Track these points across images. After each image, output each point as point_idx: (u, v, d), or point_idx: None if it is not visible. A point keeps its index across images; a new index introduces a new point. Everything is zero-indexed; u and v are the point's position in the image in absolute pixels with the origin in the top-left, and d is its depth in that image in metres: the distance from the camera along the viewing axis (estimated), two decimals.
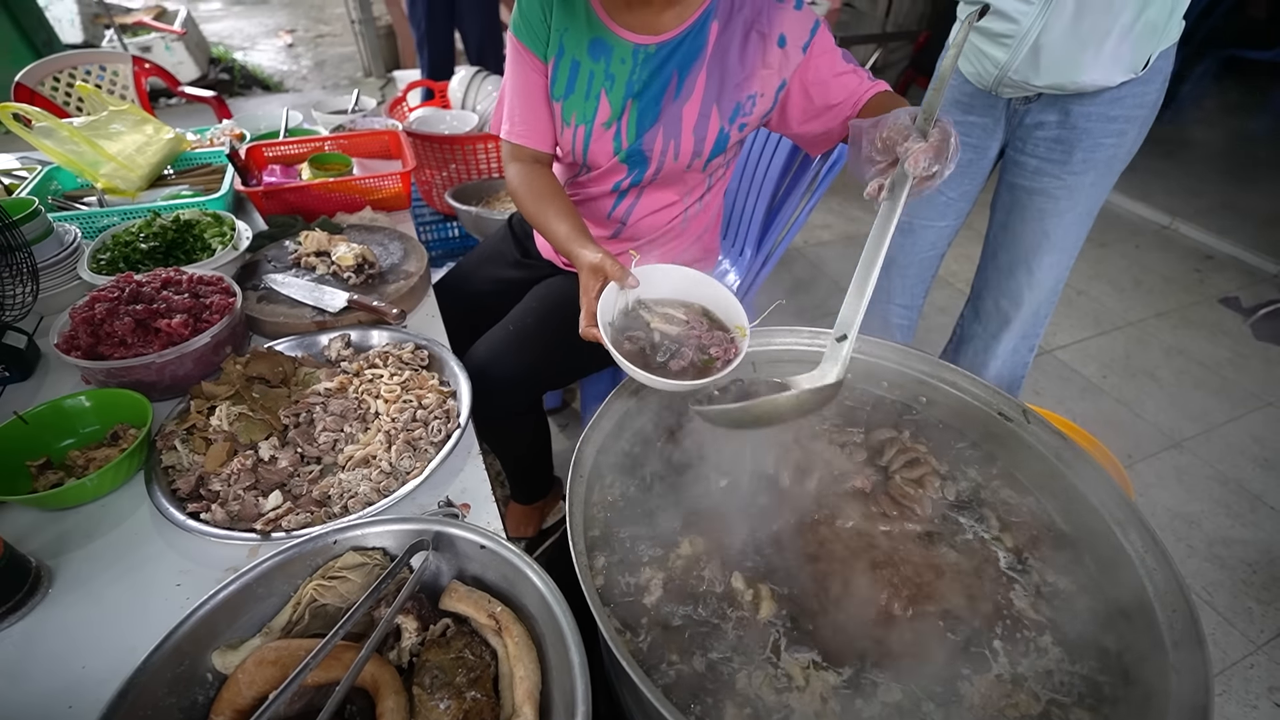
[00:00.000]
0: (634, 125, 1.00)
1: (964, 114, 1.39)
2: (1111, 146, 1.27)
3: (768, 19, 0.92)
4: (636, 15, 0.95)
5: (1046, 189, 1.34)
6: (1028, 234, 1.41)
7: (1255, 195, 3.42)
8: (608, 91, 0.99)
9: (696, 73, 0.96)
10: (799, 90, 0.96)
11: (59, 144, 1.25)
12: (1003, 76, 1.25)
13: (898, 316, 1.72)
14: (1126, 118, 1.24)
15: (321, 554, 0.64)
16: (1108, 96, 1.21)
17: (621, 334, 0.80)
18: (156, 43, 4.14)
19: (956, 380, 0.88)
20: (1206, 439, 2.01)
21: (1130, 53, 1.15)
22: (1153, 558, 0.67)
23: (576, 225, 0.93)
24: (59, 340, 0.87)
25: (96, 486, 0.75)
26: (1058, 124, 1.28)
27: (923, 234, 1.58)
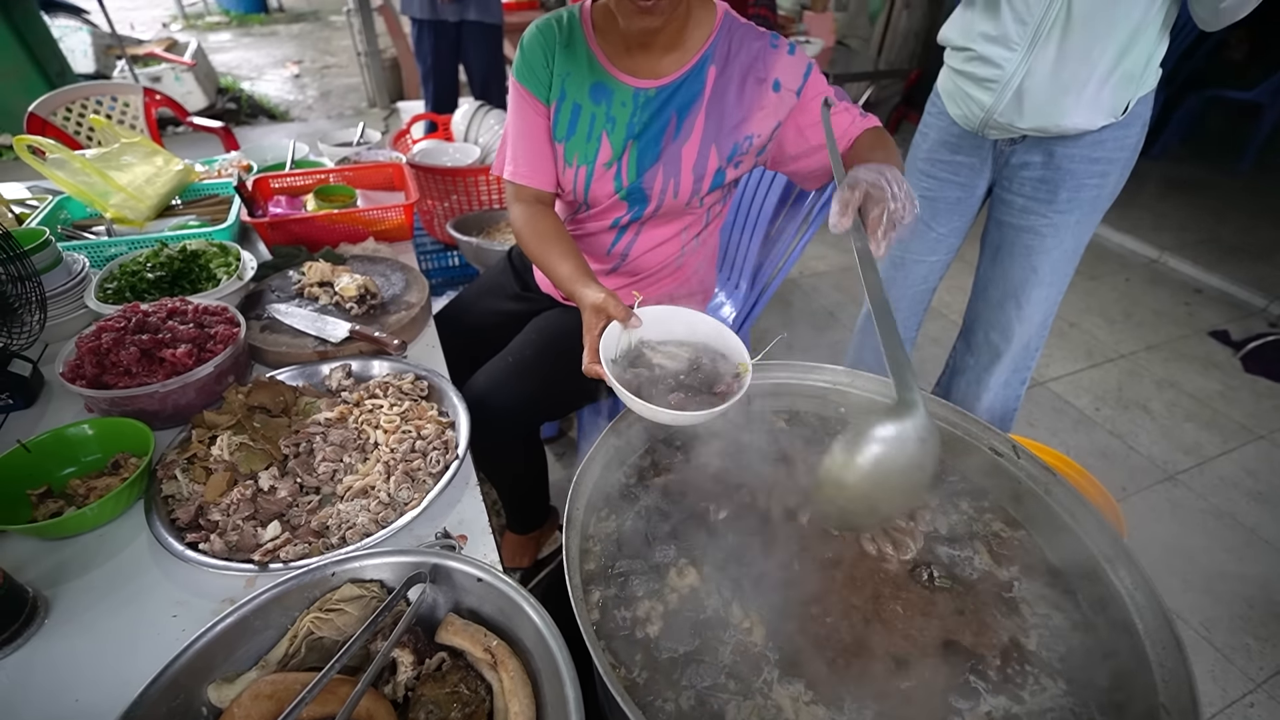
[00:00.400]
0: (634, 165, 1.03)
1: (952, 154, 1.44)
2: (1095, 187, 1.31)
3: (763, 64, 0.96)
4: (637, 61, 0.99)
5: (1034, 226, 1.38)
6: (1016, 270, 1.45)
7: (1240, 230, 3.50)
8: (609, 133, 1.02)
9: (695, 115, 0.99)
10: (793, 130, 1.00)
11: (71, 175, 1.28)
12: (988, 119, 1.30)
13: None
14: (1108, 159, 1.28)
15: (319, 586, 0.64)
16: (1089, 139, 1.26)
17: (623, 369, 0.82)
18: (166, 73, 4.24)
19: (948, 415, 0.90)
20: (1200, 472, 2.02)
21: (1110, 98, 1.20)
22: (1142, 594, 0.68)
23: (579, 265, 0.95)
24: (64, 369, 0.89)
25: (96, 516, 0.75)
26: (1042, 164, 1.33)
27: (914, 268, 1.62)
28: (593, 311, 0.85)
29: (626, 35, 0.95)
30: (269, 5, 8.25)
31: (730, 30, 0.98)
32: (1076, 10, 1.13)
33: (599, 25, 1.01)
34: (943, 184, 1.49)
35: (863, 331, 1.81)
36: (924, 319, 1.77)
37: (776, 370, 0.95)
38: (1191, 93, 4.12)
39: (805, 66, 0.97)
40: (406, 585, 0.63)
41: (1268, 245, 3.35)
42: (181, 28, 7.43)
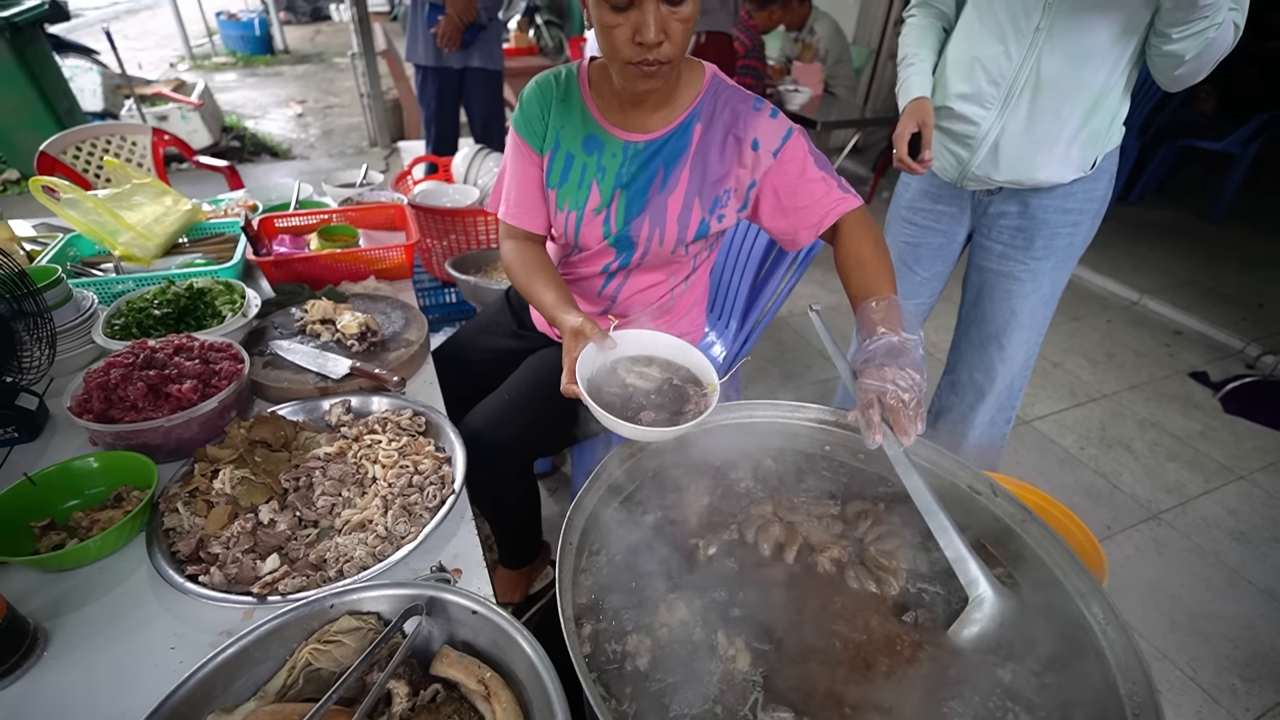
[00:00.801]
0: (622, 213, 1.09)
1: (933, 203, 1.52)
2: (1068, 235, 1.38)
3: (744, 124, 1.02)
4: (629, 116, 1.06)
5: (1012, 272, 1.45)
6: (997, 313, 1.51)
7: (1216, 275, 3.61)
8: (599, 182, 1.08)
9: (681, 168, 1.05)
10: (769, 190, 1.05)
11: (82, 214, 1.33)
12: (966, 172, 1.38)
13: None
14: (1079, 210, 1.36)
15: (318, 618, 0.66)
16: (1061, 191, 1.34)
17: (599, 389, 0.88)
18: (173, 112, 4.34)
19: (928, 455, 0.93)
20: (1183, 511, 2.05)
21: (1079, 154, 1.28)
22: (1113, 630, 0.70)
23: (562, 294, 1.02)
24: (72, 403, 0.91)
25: (99, 548, 0.77)
26: (1018, 214, 1.40)
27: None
28: (571, 335, 0.91)
29: (621, 93, 1.02)
30: (275, 46, 8.49)
31: (717, 91, 1.05)
32: (1045, 74, 1.22)
33: (594, 82, 1.08)
34: (925, 231, 1.57)
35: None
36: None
37: (764, 408, 0.99)
38: (1165, 142, 4.31)
39: (785, 130, 1.02)
40: (403, 618, 0.65)
41: (1243, 289, 3.46)
42: (189, 67, 7.62)
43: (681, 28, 0.88)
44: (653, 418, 0.84)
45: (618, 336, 0.92)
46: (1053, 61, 1.20)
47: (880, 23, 4.64)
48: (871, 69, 4.76)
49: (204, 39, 8.48)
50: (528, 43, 5.61)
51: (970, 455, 1.73)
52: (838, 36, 3.91)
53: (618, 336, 0.92)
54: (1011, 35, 1.23)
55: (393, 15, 7.44)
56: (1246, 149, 3.98)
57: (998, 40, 1.24)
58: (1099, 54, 1.18)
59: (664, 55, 0.89)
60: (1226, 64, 1.15)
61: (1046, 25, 1.18)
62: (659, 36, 0.86)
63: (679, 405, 0.87)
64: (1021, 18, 1.20)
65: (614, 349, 0.92)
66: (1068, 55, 1.19)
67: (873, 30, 4.68)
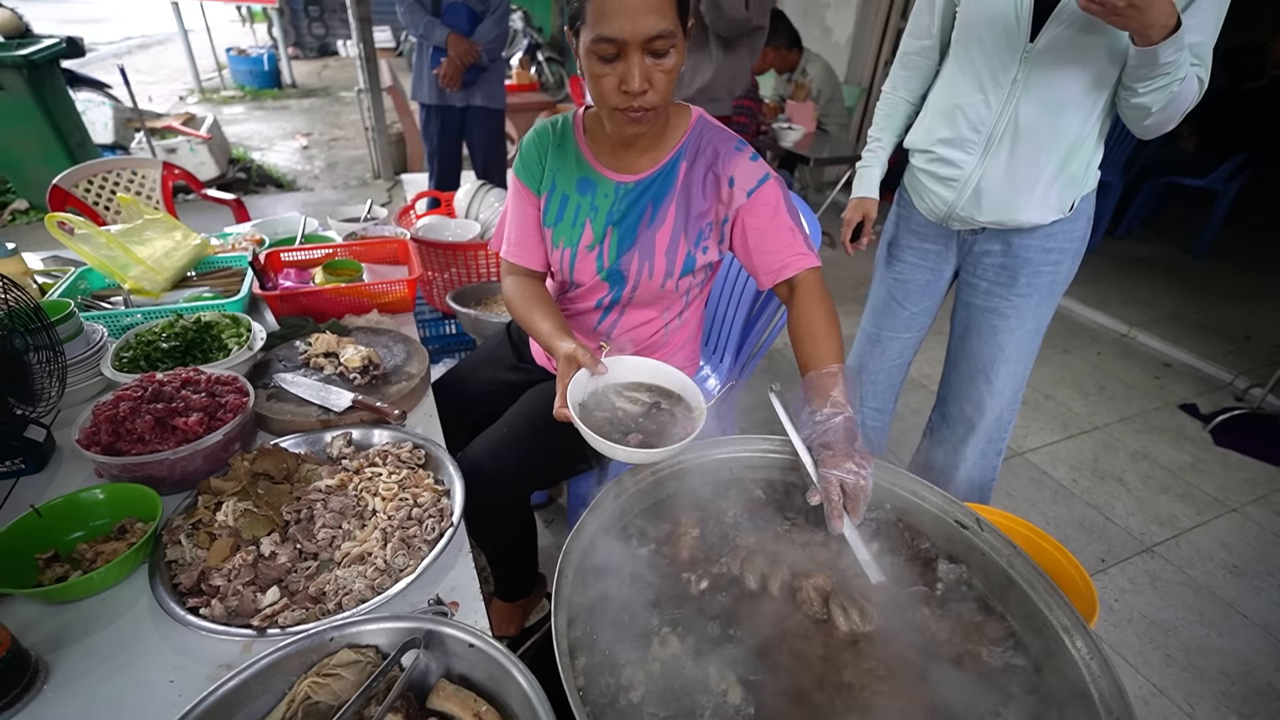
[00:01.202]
0: (614, 248, 1.14)
1: (920, 241, 1.57)
2: (1050, 273, 1.43)
3: (724, 162, 1.08)
4: (620, 159, 1.12)
5: (998, 308, 1.50)
6: (984, 347, 1.55)
7: (1203, 308, 3.67)
8: (592, 220, 1.14)
9: (668, 205, 1.11)
10: (740, 227, 1.11)
11: (95, 248, 1.36)
12: (951, 213, 1.43)
13: (871, 419, 1.86)
14: (1060, 249, 1.41)
15: (317, 651, 0.67)
16: (1043, 232, 1.39)
17: (590, 413, 0.93)
18: (182, 145, 4.44)
19: (916, 488, 0.95)
20: (1176, 544, 2.06)
21: (1057, 198, 1.33)
22: (1097, 665, 0.72)
23: (559, 323, 1.07)
24: (80, 436, 0.93)
25: (102, 580, 0.78)
26: (1002, 253, 1.45)
27: (890, 344, 1.73)
28: (565, 360, 0.95)
29: (613, 137, 1.09)
30: (282, 81, 8.69)
31: (702, 131, 1.11)
32: (1023, 123, 1.28)
33: (588, 128, 1.15)
34: (912, 268, 1.62)
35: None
36: (902, 390, 1.85)
37: (756, 442, 1.01)
38: (1149, 179, 4.42)
39: (762, 174, 1.07)
40: (401, 651, 0.67)
41: (1229, 322, 3.52)
42: (198, 100, 7.80)
43: (665, 78, 0.94)
44: (639, 440, 0.88)
45: (609, 362, 0.97)
46: (1030, 111, 1.26)
47: (870, 64, 4.80)
48: (863, 107, 4.90)
49: (214, 73, 8.68)
50: (529, 79, 5.76)
51: (962, 487, 1.76)
52: (830, 76, 4.04)
53: (609, 362, 0.97)
54: (990, 85, 1.29)
55: (399, 51, 7.66)
56: (1229, 185, 4.09)
57: (977, 90, 1.31)
58: (1073, 104, 1.24)
59: (648, 103, 0.95)
60: (1211, 105, 1.21)
61: (1023, 78, 1.25)
62: (643, 86, 0.92)
63: (666, 428, 0.91)
64: (999, 70, 1.27)
65: (605, 374, 0.96)
66: (1044, 105, 1.25)
67: (864, 70, 4.83)
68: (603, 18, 0.89)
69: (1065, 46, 1.19)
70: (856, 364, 1.80)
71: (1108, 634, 1.75)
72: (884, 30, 4.67)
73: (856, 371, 0.98)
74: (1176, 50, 1.05)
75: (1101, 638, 1.70)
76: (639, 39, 0.89)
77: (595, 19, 0.89)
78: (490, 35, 2.90)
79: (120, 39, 11.74)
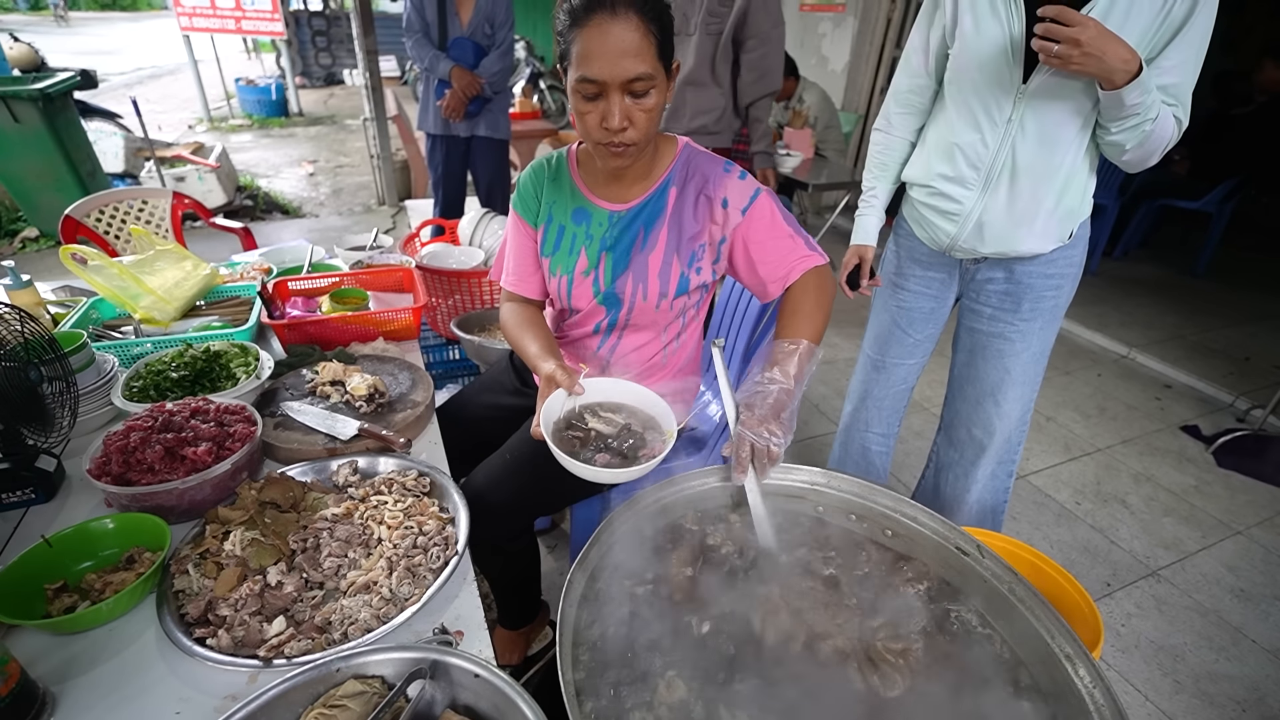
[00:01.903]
0: (609, 272, 1.18)
1: (924, 270, 1.60)
2: (1052, 298, 1.46)
3: (715, 184, 1.12)
4: (612, 189, 1.17)
5: (1003, 333, 1.52)
6: (991, 371, 1.57)
7: (1201, 329, 3.69)
8: (587, 247, 1.18)
9: (659, 229, 1.15)
10: (740, 244, 1.14)
11: (107, 279, 1.39)
12: (953, 244, 1.47)
13: (876, 444, 1.87)
14: (1061, 274, 1.44)
15: (324, 681, 0.68)
16: (1044, 259, 1.42)
17: (564, 431, 0.96)
18: (191, 173, 4.52)
19: (916, 515, 0.96)
20: (1182, 568, 2.05)
21: (1056, 228, 1.37)
22: (1100, 693, 0.72)
23: (546, 345, 1.11)
24: (91, 466, 0.94)
25: (110, 611, 0.79)
26: (1004, 279, 1.48)
27: (894, 370, 1.75)
28: (545, 381, 1.00)
29: (604, 170, 1.14)
30: (289, 109, 8.86)
31: (689, 158, 1.15)
32: (1020, 160, 1.32)
33: (582, 162, 1.20)
34: (916, 296, 1.64)
35: (847, 431, 1.90)
36: (905, 414, 1.87)
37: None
38: (1145, 201, 4.48)
39: (753, 190, 1.12)
40: (407, 681, 0.67)
41: (1229, 343, 3.54)
42: (207, 129, 7.94)
43: (645, 116, 0.98)
44: (607, 459, 0.92)
45: (586, 384, 1.02)
46: (1026, 148, 1.30)
47: (866, 92, 4.89)
48: (860, 133, 4.99)
49: (222, 102, 8.86)
50: (531, 107, 5.87)
51: (974, 510, 1.75)
52: (826, 104, 4.11)
53: (586, 384, 1.02)
54: (986, 125, 1.32)
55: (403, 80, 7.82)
56: (1223, 208, 4.14)
57: (974, 129, 1.34)
58: (1066, 140, 1.27)
59: (628, 139, 1.00)
60: (1203, 129, 1.24)
61: (1018, 117, 1.28)
62: (623, 123, 0.97)
63: (636, 450, 0.95)
64: (995, 109, 1.30)
65: (583, 395, 1.01)
66: (1040, 142, 1.28)
67: (860, 98, 4.92)
68: (585, 60, 0.94)
69: (1056, 87, 1.23)
70: (861, 390, 1.81)
71: (1115, 660, 1.73)
72: (879, 58, 4.77)
73: (815, 354, 1.00)
74: (1142, 93, 1.10)
75: (1108, 664, 1.69)
76: (618, 81, 0.94)
77: (579, 60, 0.95)
78: (494, 69, 2.97)
79: (131, 70, 12.01)
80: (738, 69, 2.42)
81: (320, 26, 10.53)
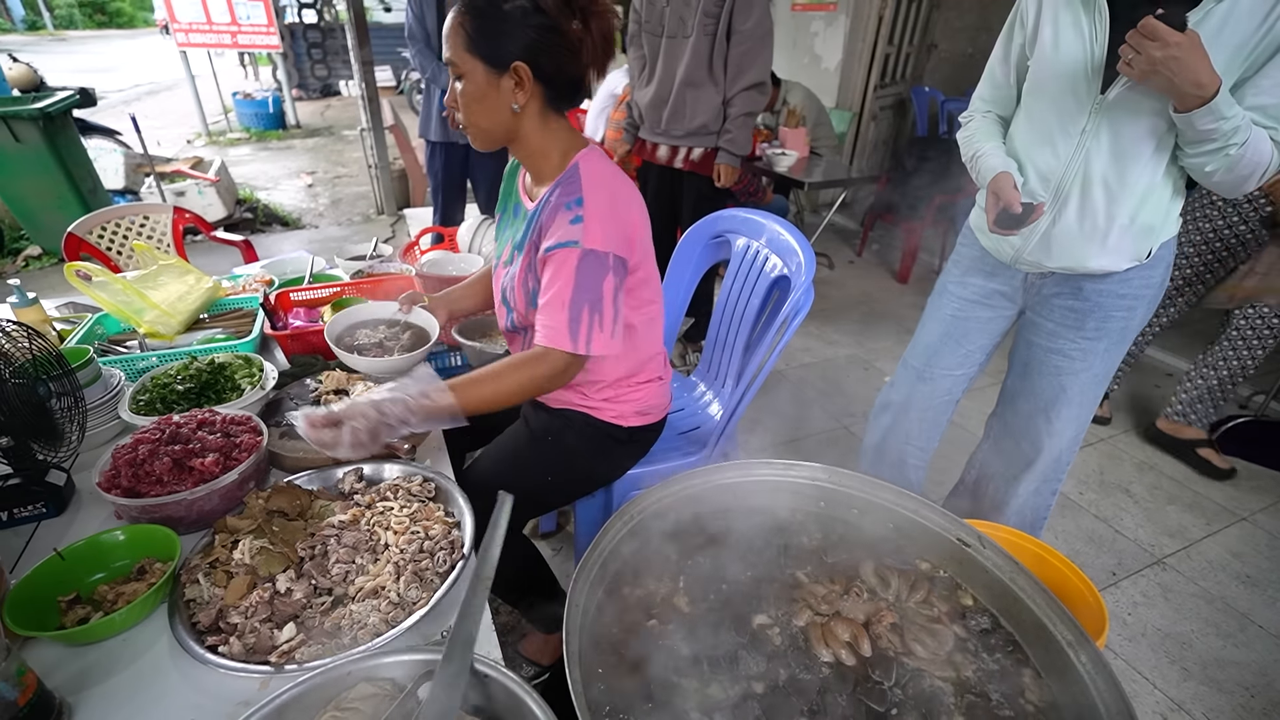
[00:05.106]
0: (510, 269, 1.22)
1: (986, 280, 1.54)
2: (1122, 319, 1.39)
3: (551, 213, 1.09)
4: (535, 188, 1.19)
5: (1063, 350, 1.45)
6: (1046, 387, 1.50)
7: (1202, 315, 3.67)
8: (512, 241, 1.22)
9: (530, 236, 1.15)
10: (535, 273, 1.14)
11: (111, 295, 1.41)
12: (1019, 257, 1.41)
13: (913, 457, 1.78)
14: (1135, 295, 1.36)
15: (336, 685, 0.69)
16: (1116, 278, 1.35)
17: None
18: (191, 188, 4.55)
19: (917, 507, 0.97)
20: (1187, 555, 2.05)
21: (1131, 246, 1.30)
22: (1103, 679, 0.73)
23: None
24: (100, 479, 0.96)
25: (124, 621, 0.80)
26: (1071, 295, 1.41)
27: (941, 381, 1.67)
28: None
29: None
30: (287, 122, 8.90)
31: (571, 175, 1.10)
32: (1092, 173, 1.26)
33: None
34: (974, 305, 1.57)
35: (883, 441, 1.81)
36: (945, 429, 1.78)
37: (759, 469, 1.03)
38: None
39: (568, 239, 1.04)
40: (418, 683, 0.68)
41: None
42: (205, 143, 7.98)
43: (462, 100, 1.05)
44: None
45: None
46: (1100, 161, 1.24)
47: (860, 89, 4.90)
48: (854, 131, 5.00)
49: (220, 116, 8.90)
50: None
51: (1012, 522, 1.66)
52: (812, 101, 4.13)
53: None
54: (1059, 137, 1.28)
55: (400, 90, 7.86)
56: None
57: (1045, 142, 1.30)
58: (1144, 155, 1.21)
59: (458, 119, 1.09)
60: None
61: (1093, 128, 1.23)
62: (451, 102, 1.08)
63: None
64: (1069, 121, 1.26)
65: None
66: (1114, 155, 1.23)
67: (854, 95, 4.93)
68: None
69: (1134, 101, 1.17)
70: (902, 401, 1.73)
71: (1122, 648, 1.74)
72: (871, 56, 4.78)
73: (454, 419, 1.03)
74: (1215, 120, 1.05)
75: (1115, 653, 1.69)
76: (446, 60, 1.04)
77: None
78: None
79: (129, 86, 12.07)
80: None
81: (315, 39, 10.57)
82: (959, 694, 0.77)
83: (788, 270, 1.50)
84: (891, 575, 0.92)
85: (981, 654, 0.82)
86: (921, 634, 0.83)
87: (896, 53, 4.97)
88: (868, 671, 0.79)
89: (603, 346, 1.06)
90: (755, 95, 2.43)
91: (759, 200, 3.67)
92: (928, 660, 0.80)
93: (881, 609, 0.86)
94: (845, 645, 0.81)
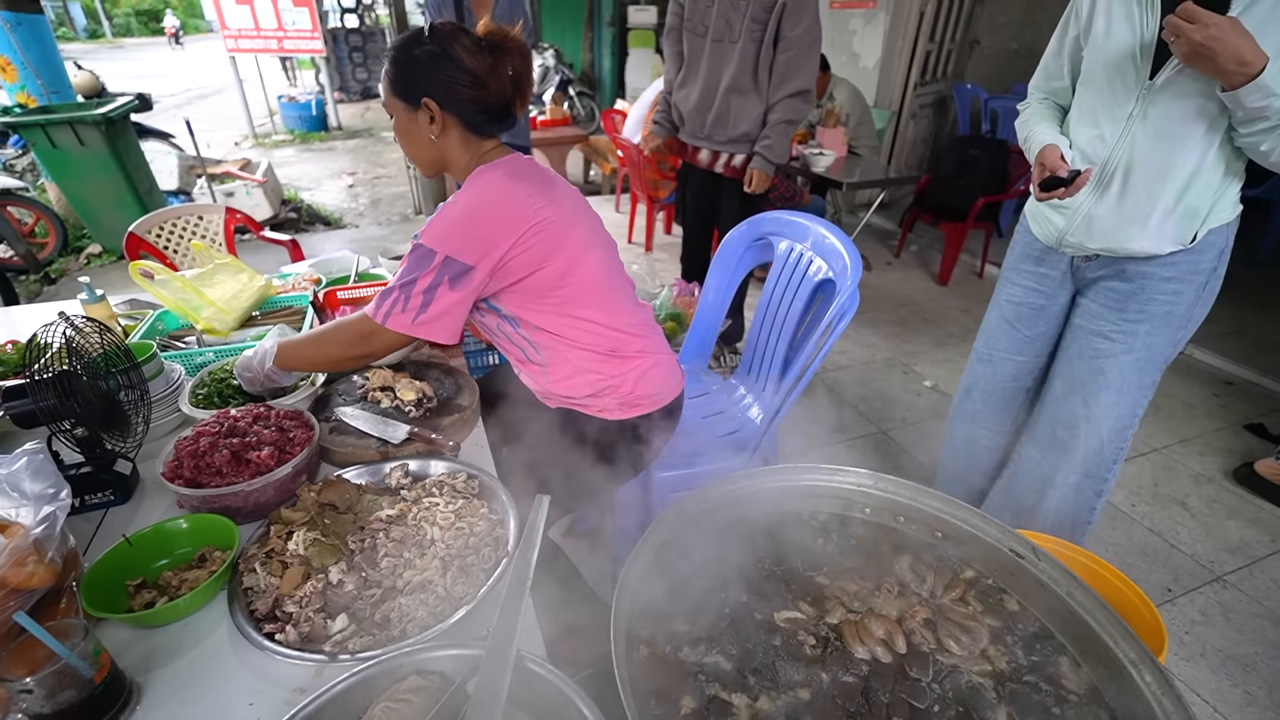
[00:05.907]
0: None
1: (1035, 265, 1.56)
2: (1167, 303, 1.37)
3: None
4: None
5: (1103, 330, 1.45)
6: (1081, 366, 1.51)
7: (1266, 322, 3.51)
8: None
9: None
10: None
11: (171, 293, 1.46)
12: (1062, 238, 1.43)
13: (984, 439, 1.83)
14: (1180, 279, 1.35)
15: (389, 676, 0.70)
16: (1160, 261, 1.35)
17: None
18: (239, 188, 4.71)
19: (968, 517, 0.94)
20: (1249, 573, 1.96)
21: (1174, 229, 1.30)
22: (1169, 700, 0.70)
23: None
24: (164, 469, 1.00)
25: (188, 606, 0.83)
26: (1115, 276, 1.42)
27: (1003, 366, 1.71)
28: None
29: None
30: (329, 124, 9.15)
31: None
32: (1138, 155, 1.27)
33: None
34: (1027, 291, 1.60)
35: (954, 420, 1.89)
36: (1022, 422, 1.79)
37: (804, 474, 1.02)
38: None
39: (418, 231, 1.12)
40: (466, 677, 0.69)
41: None
42: (251, 145, 8.26)
43: (396, 135, 1.18)
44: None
45: None
46: (1145, 145, 1.26)
47: (900, 87, 4.80)
48: (894, 130, 4.90)
49: (266, 119, 9.20)
50: (562, 114, 5.95)
51: (1051, 518, 1.66)
52: (858, 99, 4.06)
53: None
54: (1106, 121, 1.30)
55: None
56: None
57: (1092, 126, 1.32)
58: (1192, 139, 1.22)
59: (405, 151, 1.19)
60: None
61: (1139, 113, 1.25)
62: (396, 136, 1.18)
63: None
64: (1116, 106, 1.28)
65: None
66: (1159, 139, 1.24)
67: (893, 94, 4.84)
68: None
69: (1183, 85, 1.19)
70: (967, 382, 1.81)
71: (1179, 669, 1.66)
72: (912, 53, 4.68)
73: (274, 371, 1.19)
74: (1264, 97, 1.07)
75: (1173, 673, 1.62)
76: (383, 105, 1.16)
77: None
78: None
79: (180, 90, 12.57)
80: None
81: (356, 43, 10.86)
82: (999, 685, 0.76)
83: (832, 273, 1.48)
84: (928, 572, 0.91)
85: (1016, 649, 0.80)
86: (955, 629, 0.82)
87: (938, 49, 4.86)
88: (904, 668, 0.78)
89: (398, 325, 1.11)
90: (798, 103, 2.40)
91: (796, 203, 3.63)
92: (961, 657, 0.79)
93: (914, 604, 0.85)
94: (880, 643, 0.81)
